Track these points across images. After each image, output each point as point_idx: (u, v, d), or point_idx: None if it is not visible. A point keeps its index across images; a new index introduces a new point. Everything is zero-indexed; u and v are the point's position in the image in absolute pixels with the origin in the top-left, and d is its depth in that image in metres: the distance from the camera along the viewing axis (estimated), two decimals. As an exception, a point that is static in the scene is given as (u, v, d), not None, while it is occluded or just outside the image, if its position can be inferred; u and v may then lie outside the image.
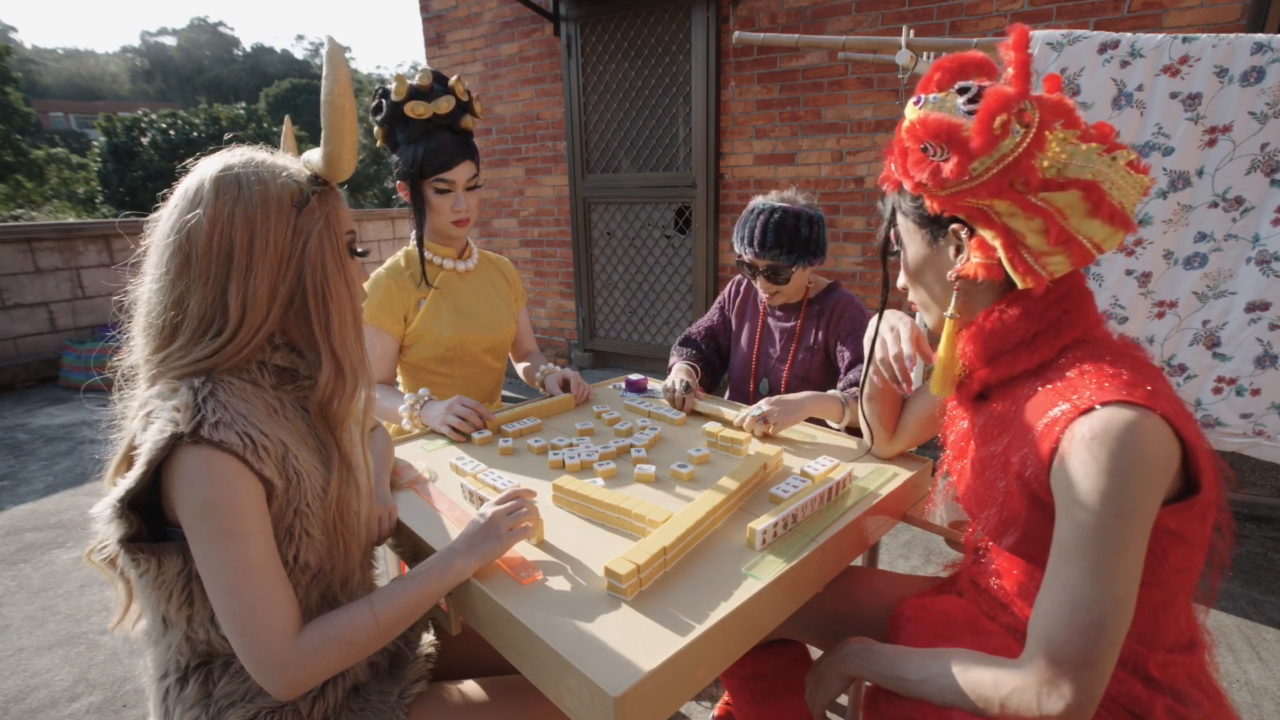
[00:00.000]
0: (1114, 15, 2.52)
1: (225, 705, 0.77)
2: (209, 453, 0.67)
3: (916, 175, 0.77)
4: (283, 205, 0.73)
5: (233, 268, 0.71)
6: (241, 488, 0.68)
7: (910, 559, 2.29)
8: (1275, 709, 1.60)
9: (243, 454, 0.68)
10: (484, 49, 4.29)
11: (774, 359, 1.57)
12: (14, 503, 2.79)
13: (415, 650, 0.93)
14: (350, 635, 0.73)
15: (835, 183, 3.25)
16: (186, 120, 16.87)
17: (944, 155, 0.74)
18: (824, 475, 1.03)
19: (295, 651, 0.69)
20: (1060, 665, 0.64)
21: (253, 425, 0.70)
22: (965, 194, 0.74)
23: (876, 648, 0.83)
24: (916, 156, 0.77)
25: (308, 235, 0.74)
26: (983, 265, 0.77)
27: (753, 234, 1.41)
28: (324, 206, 0.76)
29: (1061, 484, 0.68)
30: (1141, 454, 0.64)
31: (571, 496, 0.98)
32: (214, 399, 0.69)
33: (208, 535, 0.67)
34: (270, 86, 34.75)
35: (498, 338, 1.59)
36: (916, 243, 0.86)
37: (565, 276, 4.42)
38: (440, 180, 1.40)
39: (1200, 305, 1.77)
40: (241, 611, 0.68)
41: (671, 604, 0.76)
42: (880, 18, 2.95)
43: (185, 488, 0.67)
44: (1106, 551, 0.64)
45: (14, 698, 1.68)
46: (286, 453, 0.73)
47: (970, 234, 0.78)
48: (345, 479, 0.80)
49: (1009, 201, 0.72)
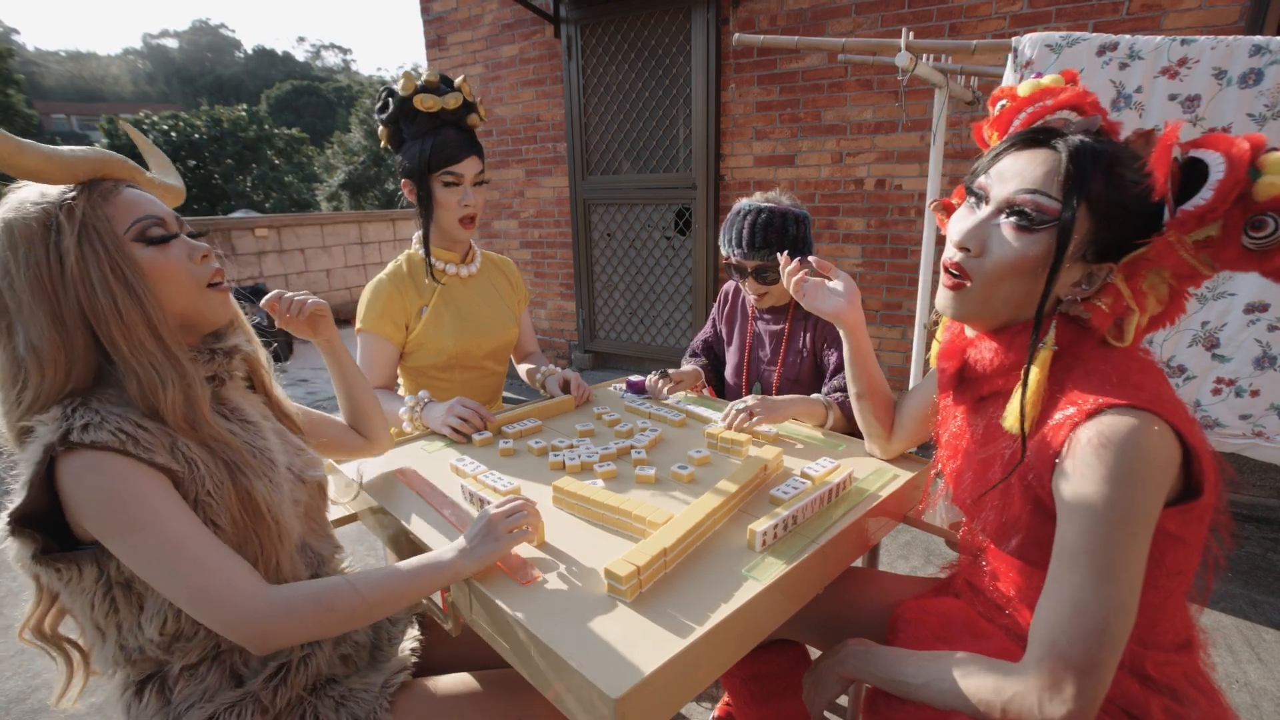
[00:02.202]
0: (1113, 17, 2.53)
1: (184, 708, 0.77)
2: (86, 456, 0.66)
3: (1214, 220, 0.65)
4: (31, 238, 0.69)
5: (11, 319, 0.70)
6: (133, 478, 0.67)
7: (910, 559, 2.30)
8: (1275, 709, 1.60)
9: (123, 448, 0.67)
10: (484, 51, 4.30)
11: (764, 362, 1.58)
12: (15, 504, 2.80)
13: (397, 645, 0.93)
14: (330, 600, 0.72)
15: (835, 184, 3.26)
16: (188, 122, 16.92)
17: (1273, 235, 0.64)
18: (824, 477, 1.04)
19: (266, 602, 0.69)
20: (1063, 670, 0.64)
21: (127, 421, 0.69)
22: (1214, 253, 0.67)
23: (876, 650, 0.83)
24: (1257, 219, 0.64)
25: (63, 255, 0.69)
26: (1108, 316, 0.72)
27: (740, 235, 1.41)
28: (79, 215, 0.70)
29: (1065, 488, 0.67)
30: (1146, 460, 0.63)
31: (572, 498, 0.98)
32: (84, 407, 0.69)
33: (117, 531, 0.66)
34: (271, 88, 34.81)
35: (500, 343, 1.59)
36: (1073, 247, 0.71)
37: (565, 278, 4.42)
38: (448, 173, 1.40)
39: (1199, 306, 1.77)
40: (191, 584, 0.67)
41: (671, 605, 0.76)
42: (880, 20, 2.96)
43: (79, 495, 0.66)
44: (1110, 556, 0.64)
45: (15, 698, 1.68)
46: (175, 441, 0.73)
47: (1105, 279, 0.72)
48: (236, 470, 0.77)
49: (1175, 279, 0.70)
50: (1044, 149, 0.72)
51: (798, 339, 1.53)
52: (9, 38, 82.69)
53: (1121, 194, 0.68)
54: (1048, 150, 0.72)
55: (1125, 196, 0.68)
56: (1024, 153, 0.74)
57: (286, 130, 21.22)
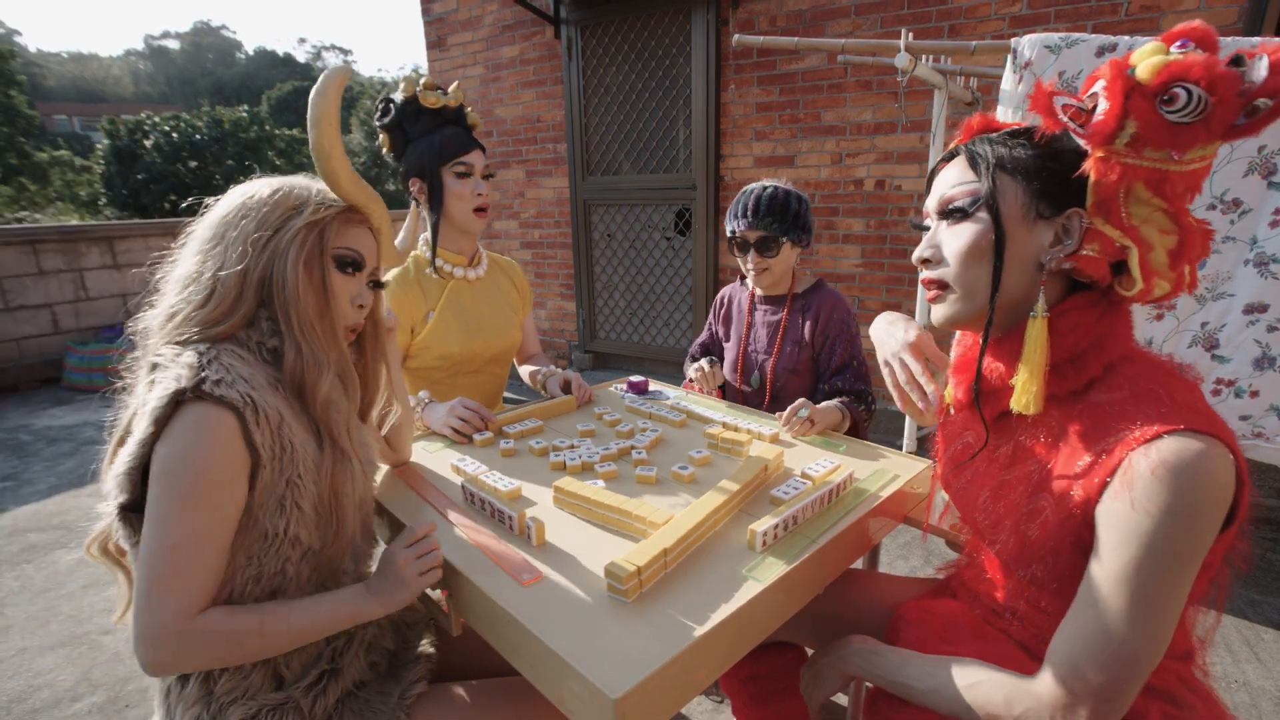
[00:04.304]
0: (1111, 18, 2.53)
1: (227, 702, 0.77)
2: (208, 409, 0.70)
3: (1100, 118, 0.64)
4: (282, 203, 0.82)
5: (220, 244, 0.80)
6: (224, 452, 0.70)
7: (910, 560, 2.30)
8: (1274, 709, 1.61)
9: (242, 410, 0.71)
10: (485, 52, 4.30)
11: (761, 352, 1.61)
12: (17, 503, 2.80)
13: (415, 651, 0.94)
14: (242, 638, 0.72)
15: (835, 185, 3.26)
16: (189, 123, 16.91)
17: (1195, 103, 0.60)
18: (824, 477, 1.04)
19: (184, 631, 0.68)
20: (1082, 692, 0.62)
21: (254, 389, 0.73)
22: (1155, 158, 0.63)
23: (880, 649, 0.83)
24: (1145, 104, 0.62)
25: (286, 229, 0.80)
26: (1101, 261, 0.67)
27: (746, 208, 1.48)
28: (322, 219, 0.83)
29: (1116, 515, 0.63)
30: (1210, 492, 0.59)
31: (572, 498, 0.98)
32: (218, 362, 0.73)
33: (167, 489, 0.68)
34: (272, 89, 34.86)
35: (503, 346, 1.59)
36: (1011, 212, 0.71)
37: (565, 278, 4.43)
38: (460, 163, 1.44)
39: (1199, 307, 1.77)
40: (154, 574, 0.68)
41: (672, 606, 0.76)
42: (879, 21, 2.96)
43: (170, 439, 0.69)
44: (1154, 592, 0.61)
45: (17, 698, 1.69)
46: (282, 421, 0.76)
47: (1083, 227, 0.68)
48: (338, 460, 0.82)
49: (1160, 198, 0.65)
50: (953, 158, 0.80)
51: (796, 329, 1.56)
52: (11, 39, 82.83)
53: (1031, 147, 0.71)
54: (955, 158, 0.79)
55: (1035, 147, 0.71)
56: (942, 170, 0.81)
57: (287, 131, 21.20)
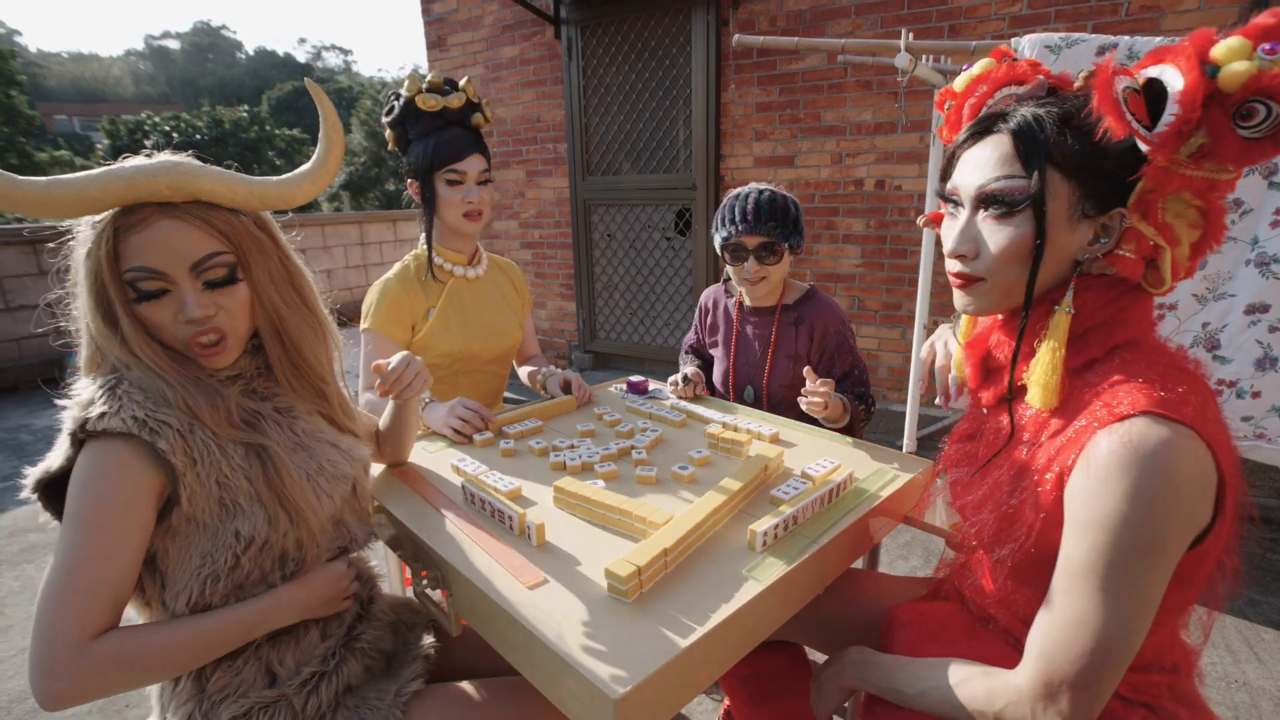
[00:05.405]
0: (1111, 19, 2.53)
1: (219, 700, 0.78)
2: (100, 445, 0.71)
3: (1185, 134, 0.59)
4: (82, 242, 0.77)
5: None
6: (118, 483, 0.70)
7: (910, 560, 2.30)
8: (1273, 709, 1.61)
9: (138, 434, 0.71)
10: (485, 52, 4.30)
11: (752, 365, 1.56)
12: (17, 504, 2.80)
13: (413, 651, 0.94)
14: (143, 656, 0.69)
15: (835, 185, 3.26)
16: (189, 123, 16.94)
17: (1271, 119, 0.57)
18: (825, 477, 1.04)
19: (76, 660, 0.65)
20: (1058, 684, 0.62)
21: (154, 406, 0.73)
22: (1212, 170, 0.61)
23: (875, 658, 0.83)
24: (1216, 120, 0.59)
25: (78, 270, 0.77)
26: (1139, 262, 0.66)
27: (744, 212, 1.39)
28: (100, 234, 0.75)
29: (1077, 499, 0.62)
30: (1174, 483, 0.58)
31: (572, 498, 0.98)
32: (113, 392, 0.73)
33: (65, 519, 0.69)
34: (272, 89, 34.87)
35: (503, 347, 1.59)
36: (1057, 212, 0.68)
37: (566, 278, 4.43)
38: (452, 171, 1.42)
39: (1200, 307, 1.77)
40: (47, 597, 0.66)
41: (672, 606, 0.76)
42: (879, 21, 2.96)
43: (72, 477, 0.71)
44: (1120, 577, 0.60)
45: (17, 697, 1.69)
46: (193, 427, 0.75)
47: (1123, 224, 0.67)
48: (268, 456, 0.80)
49: (1200, 200, 0.63)
50: (991, 135, 0.72)
51: (789, 343, 1.50)
52: (11, 39, 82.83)
53: (1086, 143, 0.66)
54: (995, 136, 0.71)
55: (1091, 144, 0.66)
56: (975, 145, 0.73)
57: (287, 131, 21.22)
